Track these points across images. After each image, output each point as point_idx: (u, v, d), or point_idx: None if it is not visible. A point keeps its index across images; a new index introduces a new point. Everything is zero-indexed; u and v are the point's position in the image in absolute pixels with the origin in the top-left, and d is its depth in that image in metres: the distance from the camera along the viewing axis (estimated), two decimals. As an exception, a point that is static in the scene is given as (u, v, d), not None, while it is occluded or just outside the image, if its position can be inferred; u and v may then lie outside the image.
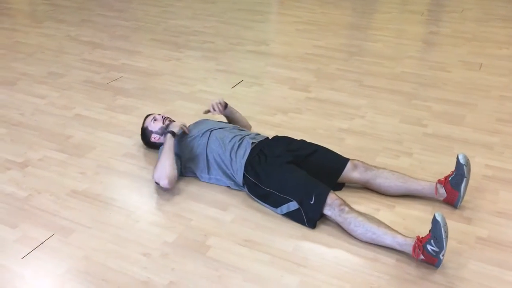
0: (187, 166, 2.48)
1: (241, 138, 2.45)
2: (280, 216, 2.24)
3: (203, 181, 2.47)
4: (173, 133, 2.42)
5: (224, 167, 2.41)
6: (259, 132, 2.80)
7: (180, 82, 3.71)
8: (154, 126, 2.64)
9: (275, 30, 5.23)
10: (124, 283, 1.87)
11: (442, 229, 1.84)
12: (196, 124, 2.65)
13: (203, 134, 2.50)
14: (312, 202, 2.13)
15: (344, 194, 2.31)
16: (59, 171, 2.58)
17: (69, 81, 3.71)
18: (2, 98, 3.41)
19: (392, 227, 2.07)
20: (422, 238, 1.93)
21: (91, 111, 3.23)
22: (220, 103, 2.66)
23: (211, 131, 2.50)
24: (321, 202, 2.11)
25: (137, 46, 4.47)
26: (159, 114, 2.70)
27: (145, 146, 2.75)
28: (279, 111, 3.25)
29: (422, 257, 1.92)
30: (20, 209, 2.28)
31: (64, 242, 2.08)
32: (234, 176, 2.39)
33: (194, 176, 2.50)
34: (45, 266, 1.96)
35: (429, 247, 1.89)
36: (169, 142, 2.37)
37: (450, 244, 2.03)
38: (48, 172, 2.57)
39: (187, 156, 2.48)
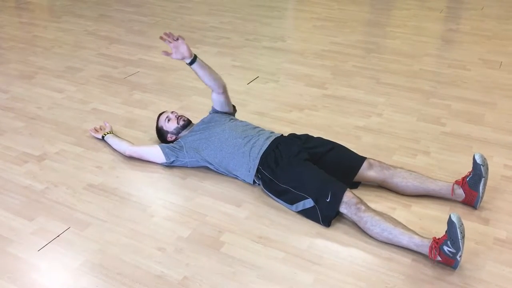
0: (199, 157, 2.49)
1: (257, 136, 2.43)
2: (295, 214, 2.23)
3: (212, 170, 2.48)
4: (103, 137, 2.78)
5: (233, 167, 2.41)
6: (274, 129, 2.79)
7: (195, 78, 3.68)
8: (169, 126, 2.65)
9: (292, 26, 5.21)
10: (139, 277, 1.88)
11: (458, 230, 1.81)
12: (211, 119, 2.63)
13: (217, 131, 2.49)
14: (328, 200, 2.11)
15: (360, 193, 2.29)
16: (76, 164, 2.60)
17: (86, 75, 3.73)
18: (20, 92, 3.45)
19: (408, 227, 2.04)
20: (438, 239, 1.91)
21: (108, 105, 3.25)
22: (171, 35, 2.49)
23: (225, 128, 2.49)
24: (338, 200, 2.09)
25: (154, 41, 4.48)
26: (172, 113, 2.70)
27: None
28: (295, 108, 3.23)
29: (439, 258, 1.89)
30: (37, 202, 2.31)
31: (80, 235, 2.10)
32: (244, 175, 2.39)
33: (205, 165, 2.50)
34: (61, 258, 1.98)
35: (445, 248, 1.86)
36: (110, 141, 2.73)
37: (468, 245, 2.00)
38: (65, 166, 2.59)
39: (200, 148, 2.49)
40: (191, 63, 2.49)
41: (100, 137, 2.78)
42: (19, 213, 2.23)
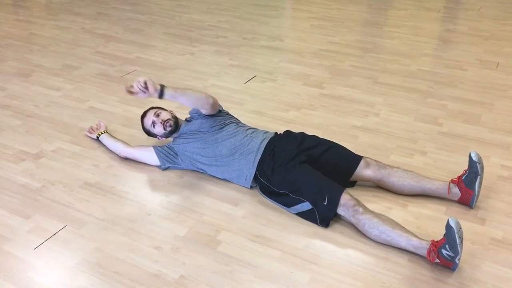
0: (195, 166, 2.48)
1: (249, 140, 2.38)
2: (292, 213, 2.23)
3: (208, 174, 2.47)
4: (97, 137, 2.77)
5: (229, 176, 2.40)
6: (272, 128, 2.79)
7: (193, 77, 3.71)
8: (157, 131, 2.52)
9: (290, 26, 5.21)
10: (135, 276, 1.88)
11: (456, 235, 1.81)
12: (200, 126, 2.48)
13: (210, 141, 2.43)
14: (325, 203, 2.11)
15: (356, 192, 2.29)
16: (73, 163, 2.59)
17: (83, 73, 3.72)
18: (17, 90, 3.44)
19: (405, 226, 2.05)
20: (436, 242, 1.90)
21: (105, 104, 3.25)
22: (140, 82, 2.14)
23: (217, 138, 2.42)
24: (335, 203, 2.09)
25: (151, 40, 4.48)
26: (155, 115, 2.51)
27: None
28: (292, 107, 3.23)
29: (437, 260, 1.89)
30: (34, 200, 2.30)
31: (76, 233, 2.10)
32: (241, 183, 2.38)
33: (202, 170, 2.49)
34: (57, 257, 1.97)
35: (444, 251, 1.86)
36: (105, 142, 2.72)
37: (464, 245, 2.00)
38: (61, 164, 2.58)
39: (194, 158, 2.47)
40: (160, 97, 2.21)
41: (95, 137, 2.77)
42: (15, 211, 2.23)
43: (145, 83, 2.16)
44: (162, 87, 2.21)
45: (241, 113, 3.05)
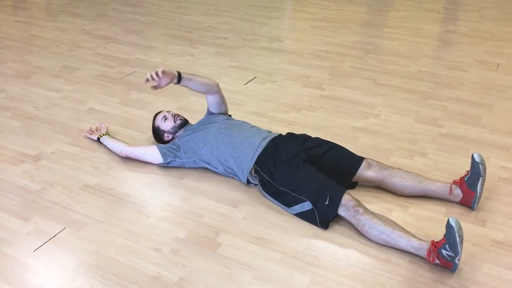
0: (197, 158, 2.49)
1: (253, 136, 2.41)
2: (292, 214, 2.23)
3: (211, 171, 2.47)
4: (98, 139, 2.76)
5: (228, 167, 2.41)
6: (271, 129, 2.78)
7: (193, 78, 3.70)
8: (166, 126, 2.64)
9: (290, 27, 5.21)
10: (135, 278, 1.87)
11: (456, 234, 1.81)
12: (208, 119, 2.63)
13: (213, 130, 2.48)
14: (326, 203, 2.10)
15: (357, 193, 2.29)
16: (72, 164, 2.59)
17: (83, 75, 3.72)
18: (16, 91, 3.43)
19: (405, 227, 2.04)
20: (436, 242, 1.90)
21: (105, 105, 3.24)
22: (157, 73, 2.37)
23: (221, 127, 2.48)
24: (336, 203, 2.09)
25: (151, 41, 4.48)
26: (168, 112, 2.70)
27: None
28: (292, 109, 3.22)
29: (437, 261, 1.89)
30: (33, 202, 2.30)
31: (75, 235, 2.09)
32: (239, 175, 2.39)
33: (203, 166, 2.50)
34: (56, 259, 1.97)
35: (444, 252, 1.85)
36: (106, 143, 2.72)
37: (465, 247, 2.00)
38: (61, 166, 2.58)
39: (197, 148, 2.48)
40: (178, 82, 2.49)
41: (96, 138, 2.77)
42: (14, 213, 2.22)
43: (162, 73, 2.38)
44: (179, 72, 2.47)
45: (241, 114, 3.05)
